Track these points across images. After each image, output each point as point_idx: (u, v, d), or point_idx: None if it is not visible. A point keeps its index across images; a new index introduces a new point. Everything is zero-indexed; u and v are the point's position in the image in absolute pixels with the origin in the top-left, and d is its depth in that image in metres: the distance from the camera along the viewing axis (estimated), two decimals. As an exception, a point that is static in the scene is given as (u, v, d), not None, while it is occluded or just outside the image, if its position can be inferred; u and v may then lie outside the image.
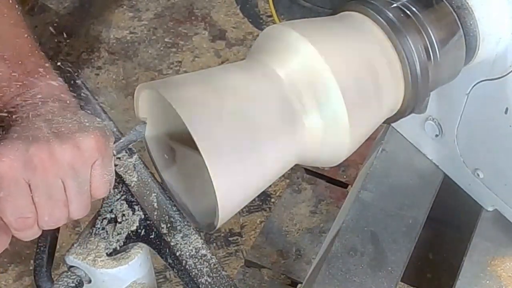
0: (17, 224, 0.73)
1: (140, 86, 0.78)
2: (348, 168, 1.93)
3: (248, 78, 0.78)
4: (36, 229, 0.75)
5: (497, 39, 0.85)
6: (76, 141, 0.73)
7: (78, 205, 0.75)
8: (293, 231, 1.83)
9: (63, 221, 0.75)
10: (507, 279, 0.97)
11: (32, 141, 0.72)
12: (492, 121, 0.92)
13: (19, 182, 0.71)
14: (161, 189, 0.87)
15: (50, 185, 0.72)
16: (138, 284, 0.92)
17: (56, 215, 0.74)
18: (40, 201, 0.72)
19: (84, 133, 0.74)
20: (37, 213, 0.73)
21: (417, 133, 1.08)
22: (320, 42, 0.78)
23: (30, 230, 0.74)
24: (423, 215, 1.03)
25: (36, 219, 0.73)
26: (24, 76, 0.80)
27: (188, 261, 0.82)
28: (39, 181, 0.72)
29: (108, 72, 2.36)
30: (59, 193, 0.73)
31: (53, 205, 0.73)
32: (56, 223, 0.75)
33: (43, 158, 0.71)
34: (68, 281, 0.88)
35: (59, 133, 0.74)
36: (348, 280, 0.95)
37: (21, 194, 0.71)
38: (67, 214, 0.75)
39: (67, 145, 0.72)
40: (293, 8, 2.39)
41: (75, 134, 0.74)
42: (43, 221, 0.74)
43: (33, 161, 0.71)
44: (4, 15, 0.83)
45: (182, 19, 2.53)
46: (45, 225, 0.75)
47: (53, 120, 0.76)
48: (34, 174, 0.71)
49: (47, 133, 0.73)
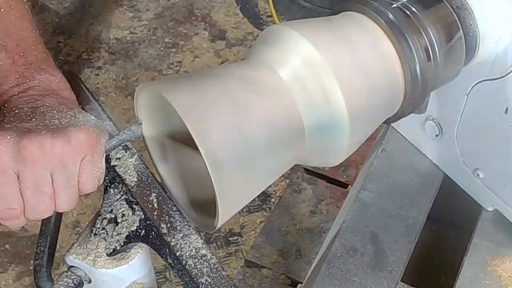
0: (2, 214, 0.74)
1: (140, 86, 0.79)
2: (348, 168, 1.93)
3: (248, 78, 0.78)
4: (23, 219, 0.75)
5: (497, 39, 0.85)
6: (68, 135, 0.74)
7: (64, 199, 0.75)
8: (293, 231, 1.83)
9: (48, 213, 0.76)
10: (507, 279, 0.97)
11: (24, 132, 0.72)
12: (492, 121, 0.92)
13: (8, 172, 0.72)
14: (161, 189, 0.87)
15: (39, 177, 0.73)
16: (138, 284, 0.91)
17: (42, 207, 0.75)
18: (27, 192, 0.73)
19: (75, 128, 0.75)
20: (24, 205, 0.74)
21: (417, 133, 1.08)
22: (320, 42, 0.78)
23: (16, 220, 0.75)
24: (423, 215, 1.03)
25: (22, 210, 0.74)
26: (24, 68, 0.80)
27: (188, 261, 0.82)
28: (28, 173, 0.72)
29: (108, 72, 2.36)
30: (47, 186, 0.73)
31: (40, 197, 0.74)
32: (42, 215, 0.76)
33: (34, 150, 0.72)
34: (68, 281, 0.88)
35: (51, 126, 0.74)
36: (348, 280, 0.95)
37: (9, 185, 0.72)
38: (53, 207, 0.75)
39: (58, 139, 0.73)
40: (293, 8, 2.39)
41: (67, 128, 0.74)
42: (29, 212, 0.74)
43: (23, 153, 0.71)
44: (11, 7, 0.84)
45: (182, 19, 2.53)
46: (31, 216, 0.75)
47: (47, 113, 0.76)
48: (23, 165, 0.72)
49: (39, 125, 0.74)
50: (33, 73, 0.80)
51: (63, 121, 0.76)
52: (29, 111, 0.76)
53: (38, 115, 0.76)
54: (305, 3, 2.31)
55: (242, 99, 0.76)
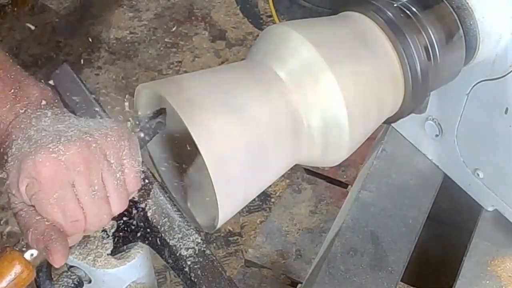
0: (70, 228, 0.72)
1: (140, 86, 0.79)
2: (348, 168, 1.93)
3: (248, 78, 0.78)
4: (82, 232, 0.74)
5: (497, 39, 0.85)
6: (101, 132, 0.73)
7: (117, 200, 0.74)
8: (293, 231, 1.83)
9: (108, 219, 0.74)
10: (507, 279, 0.97)
11: (64, 141, 0.71)
12: (492, 121, 0.92)
13: (65, 184, 0.70)
14: (161, 189, 0.86)
15: (93, 181, 0.72)
16: (138, 284, 0.91)
17: (101, 213, 0.73)
18: (86, 201, 0.72)
19: (107, 126, 0.74)
20: (84, 215, 0.72)
21: (417, 133, 1.08)
22: (320, 42, 0.78)
23: (79, 234, 0.74)
24: (423, 215, 1.03)
25: (85, 221, 0.73)
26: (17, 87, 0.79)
27: (188, 261, 0.82)
28: (82, 180, 0.71)
29: (108, 72, 2.36)
30: (101, 189, 0.72)
31: (97, 203, 0.72)
32: (102, 222, 0.74)
33: (83, 155, 0.71)
34: (68, 281, 0.88)
35: (85, 130, 0.73)
36: (348, 280, 0.95)
37: (69, 196, 0.71)
38: (110, 211, 0.74)
39: (98, 138, 0.72)
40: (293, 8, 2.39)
41: (100, 128, 0.73)
42: (90, 221, 0.73)
43: (75, 160, 0.70)
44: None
45: (182, 19, 2.53)
46: (92, 226, 0.74)
47: (68, 122, 0.75)
48: (77, 173, 0.71)
49: (73, 132, 0.73)
50: (26, 90, 0.79)
51: (88, 124, 0.75)
52: (50, 124, 0.75)
53: (60, 124, 0.74)
54: (305, 3, 2.31)
55: (242, 99, 0.76)
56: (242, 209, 0.79)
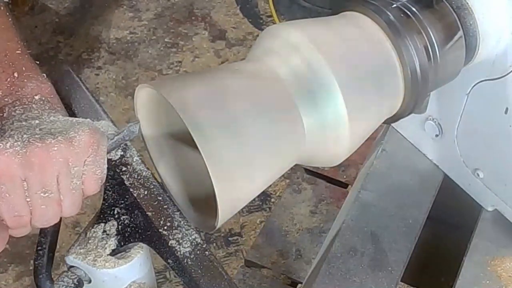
0: (12, 222, 0.74)
1: (140, 86, 0.79)
2: (348, 168, 1.93)
3: (248, 78, 0.78)
4: (29, 227, 0.75)
5: (497, 39, 0.85)
6: (71, 138, 0.74)
7: (70, 203, 0.75)
8: (293, 231, 1.83)
9: (55, 219, 0.76)
10: (507, 279, 0.97)
11: (28, 139, 0.73)
12: (492, 121, 0.92)
13: (16, 180, 0.72)
14: (161, 189, 0.87)
15: (46, 182, 0.73)
16: (138, 284, 0.92)
17: (49, 213, 0.75)
18: (34, 199, 0.73)
19: (77, 130, 0.75)
20: (30, 212, 0.74)
21: (417, 133, 1.08)
22: (320, 42, 0.78)
23: (24, 228, 0.75)
24: (423, 215, 1.03)
25: (30, 217, 0.74)
26: (15, 77, 0.81)
27: (188, 261, 0.82)
28: (35, 179, 0.72)
29: (108, 72, 2.36)
30: (53, 190, 0.74)
31: (47, 203, 0.74)
32: (49, 222, 0.76)
33: (40, 155, 0.72)
34: (68, 281, 0.88)
35: (53, 131, 0.75)
36: (348, 280, 0.95)
37: (17, 192, 0.72)
38: (59, 213, 0.76)
39: (62, 142, 0.73)
40: (293, 8, 2.39)
41: (69, 132, 0.75)
42: (36, 219, 0.74)
43: (30, 158, 0.72)
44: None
45: (182, 19, 2.53)
46: (38, 224, 0.75)
47: (45, 119, 0.77)
48: (31, 171, 0.72)
49: (41, 131, 0.74)
50: (23, 82, 0.81)
51: (62, 125, 0.76)
52: (27, 118, 0.77)
53: (37, 121, 0.76)
54: (305, 3, 2.31)
55: (242, 99, 0.76)
56: (242, 209, 0.79)
